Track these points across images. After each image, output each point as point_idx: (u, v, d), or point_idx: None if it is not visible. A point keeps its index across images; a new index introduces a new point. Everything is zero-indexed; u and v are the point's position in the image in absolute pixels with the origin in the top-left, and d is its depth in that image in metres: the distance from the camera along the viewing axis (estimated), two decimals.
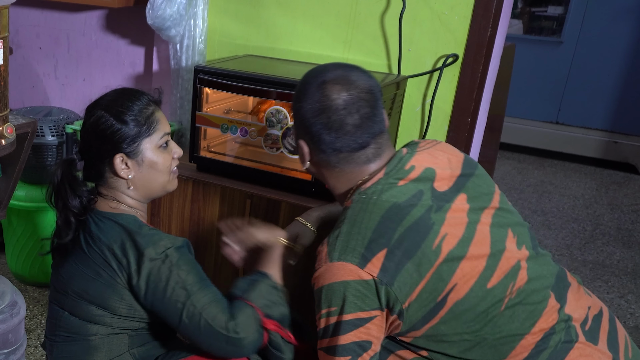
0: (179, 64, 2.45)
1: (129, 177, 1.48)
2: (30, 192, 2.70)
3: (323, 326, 1.33)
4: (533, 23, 5.30)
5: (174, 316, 1.40)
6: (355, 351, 1.30)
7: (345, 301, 1.28)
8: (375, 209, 1.31)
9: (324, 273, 1.31)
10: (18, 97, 3.05)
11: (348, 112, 1.33)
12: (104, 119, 1.45)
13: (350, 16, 2.21)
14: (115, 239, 1.42)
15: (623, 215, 4.22)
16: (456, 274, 1.29)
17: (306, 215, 1.74)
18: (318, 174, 1.47)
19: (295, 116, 1.41)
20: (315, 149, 1.39)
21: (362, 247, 1.28)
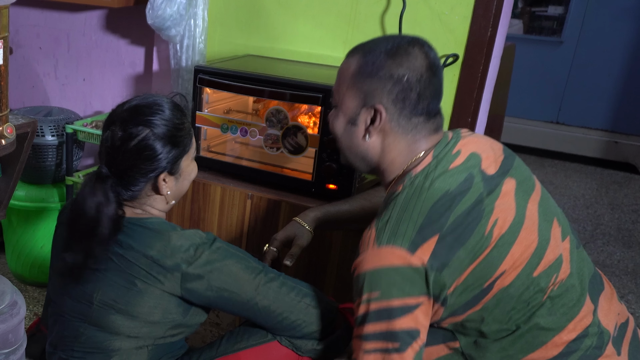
0: (179, 64, 2.45)
1: (168, 193, 1.45)
2: (30, 192, 2.70)
3: (363, 312, 1.27)
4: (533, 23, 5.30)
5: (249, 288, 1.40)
6: (404, 339, 1.23)
7: (392, 287, 1.23)
8: (428, 196, 1.27)
9: (370, 257, 1.26)
10: (18, 97, 3.05)
11: (433, 73, 1.31)
12: (151, 140, 1.36)
13: (350, 16, 2.21)
14: (150, 245, 1.37)
15: (623, 215, 4.22)
16: (506, 260, 1.27)
17: (303, 215, 1.73)
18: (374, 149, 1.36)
19: (370, 77, 1.31)
20: (396, 111, 1.31)
21: (413, 232, 1.24)
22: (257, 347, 1.50)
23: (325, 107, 1.89)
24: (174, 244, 1.37)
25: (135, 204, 1.44)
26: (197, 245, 1.38)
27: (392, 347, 1.23)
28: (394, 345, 1.23)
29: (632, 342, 1.39)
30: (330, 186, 1.95)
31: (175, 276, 1.37)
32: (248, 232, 2.07)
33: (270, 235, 1.86)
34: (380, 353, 1.25)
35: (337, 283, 1.97)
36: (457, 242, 1.25)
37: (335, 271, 1.98)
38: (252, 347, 1.50)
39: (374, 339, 1.25)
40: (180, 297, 1.41)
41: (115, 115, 1.41)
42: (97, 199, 1.37)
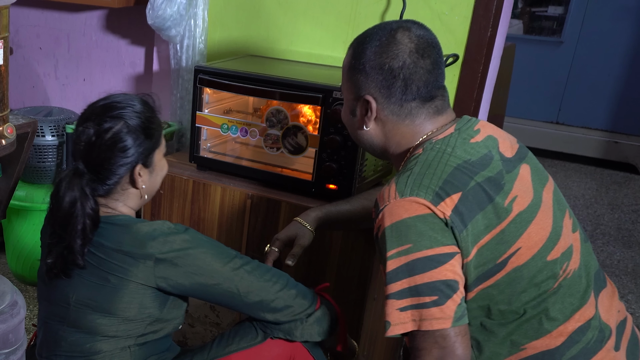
0: (179, 64, 2.45)
1: (143, 187, 1.47)
2: (30, 192, 2.70)
3: (394, 268, 1.20)
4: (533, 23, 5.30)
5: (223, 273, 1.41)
6: (443, 291, 1.18)
7: (423, 235, 1.19)
8: (450, 160, 1.26)
9: (393, 209, 1.22)
10: (18, 97, 3.05)
11: (421, 55, 1.30)
12: (125, 132, 1.40)
13: (350, 16, 2.21)
14: (120, 241, 1.40)
15: (623, 215, 4.22)
16: (522, 237, 1.25)
17: (305, 215, 1.73)
18: (377, 137, 1.38)
19: (359, 70, 1.34)
20: (385, 100, 1.33)
21: (436, 186, 1.21)
22: (249, 349, 1.51)
23: (325, 107, 1.89)
24: (144, 233, 1.39)
25: (109, 200, 1.46)
26: (167, 233, 1.40)
27: (429, 301, 1.18)
28: (432, 299, 1.18)
29: (631, 339, 1.39)
30: (330, 186, 1.95)
31: (148, 265, 1.38)
32: (248, 232, 2.07)
33: (270, 235, 1.86)
34: (416, 309, 1.19)
35: (337, 283, 1.97)
36: (478, 205, 1.23)
37: (335, 271, 1.98)
38: (244, 350, 1.51)
39: (408, 295, 1.20)
40: (155, 288, 1.41)
41: (89, 112, 1.45)
42: (74, 194, 1.39)
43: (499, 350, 1.30)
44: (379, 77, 1.32)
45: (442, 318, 1.18)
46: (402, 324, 1.21)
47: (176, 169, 2.16)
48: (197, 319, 2.21)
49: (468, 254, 1.23)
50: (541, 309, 1.28)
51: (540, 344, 1.29)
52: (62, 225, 1.41)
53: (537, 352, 1.29)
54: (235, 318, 2.13)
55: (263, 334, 1.51)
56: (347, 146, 1.89)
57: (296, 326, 1.49)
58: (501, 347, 1.30)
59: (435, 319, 1.18)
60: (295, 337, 1.50)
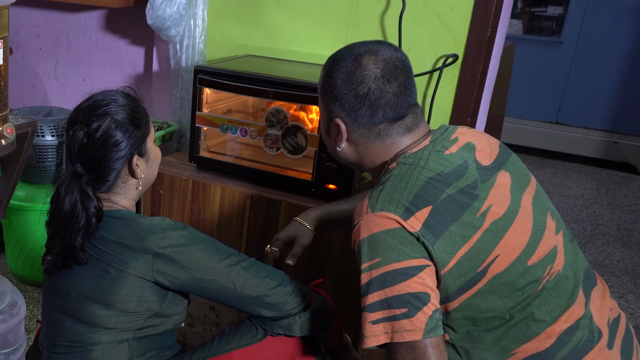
0: (179, 64, 2.45)
1: (142, 176, 1.50)
2: (30, 192, 2.70)
3: (366, 281, 1.23)
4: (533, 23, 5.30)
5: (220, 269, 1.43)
6: (412, 303, 1.20)
7: (391, 249, 1.21)
8: (423, 173, 1.28)
9: (364, 224, 1.25)
10: (18, 97, 3.05)
11: (387, 80, 1.32)
12: (114, 127, 1.43)
13: (350, 16, 2.21)
14: (120, 233, 1.42)
15: (623, 215, 4.22)
16: (500, 245, 1.26)
17: (304, 215, 1.73)
18: (352, 155, 1.42)
19: (328, 95, 1.38)
20: (353, 124, 1.36)
21: (406, 201, 1.23)
22: (249, 346, 1.51)
23: None
24: (143, 227, 1.42)
25: (110, 195, 1.49)
26: (166, 229, 1.42)
27: (400, 313, 1.20)
28: (402, 311, 1.20)
29: (625, 337, 1.39)
30: (330, 186, 1.95)
31: (146, 258, 1.40)
32: (248, 232, 2.08)
33: (270, 235, 1.87)
34: (387, 322, 1.21)
35: (337, 283, 1.98)
36: (450, 217, 1.24)
37: (335, 271, 1.98)
38: (244, 347, 1.51)
39: (379, 308, 1.22)
40: (153, 282, 1.43)
41: (75, 115, 1.48)
42: (74, 197, 1.43)
43: (489, 356, 1.31)
44: (346, 103, 1.35)
45: (413, 330, 1.19)
46: (374, 336, 1.23)
47: (176, 169, 2.16)
48: (196, 319, 2.21)
49: (445, 265, 1.24)
50: (527, 313, 1.29)
51: (529, 347, 1.29)
52: (64, 225, 1.44)
53: (527, 356, 1.29)
54: (235, 318, 2.13)
55: (263, 331, 1.51)
56: None
57: (295, 321, 1.50)
58: (491, 354, 1.31)
59: (406, 330, 1.20)
60: (294, 332, 1.51)
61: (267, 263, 1.65)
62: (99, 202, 1.45)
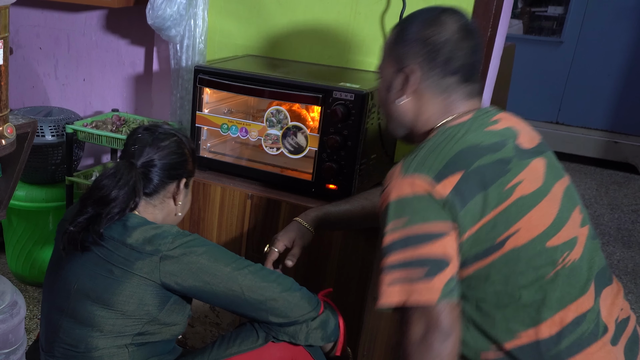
0: (179, 64, 2.45)
1: (180, 203, 1.56)
2: (30, 192, 2.70)
3: (388, 242, 1.24)
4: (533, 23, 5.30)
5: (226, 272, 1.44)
6: (432, 266, 1.21)
7: (417, 213, 1.23)
8: (458, 143, 1.30)
9: (395, 186, 1.27)
10: (18, 97, 3.05)
11: (464, 36, 1.34)
12: (183, 144, 1.54)
13: (350, 16, 2.21)
14: (130, 235, 1.43)
15: (623, 215, 4.22)
16: (522, 220, 1.27)
17: (304, 215, 1.74)
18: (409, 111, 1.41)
19: (402, 44, 1.38)
20: (427, 71, 1.36)
21: (439, 165, 1.25)
22: (250, 352, 1.51)
23: (325, 107, 1.89)
24: (153, 233, 1.44)
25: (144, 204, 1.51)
26: (175, 235, 1.44)
27: (416, 276, 1.21)
28: (419, 274, 1.20)
29: (631, 337, 1.39)
30: (330, 186, 1.95)
31: (154, 260, 1.41)
32: (248, 232, 2.08)
33: (270, 235, 1.86)
34: (404, 283, 1.22)
35: (337, 283, 1.97)
36: (479, 186, 1.25)
37: (335, 271, 1.98)
38: (245, 353, 1.51)
39: (398, 268, 1.23)
40: (159, 284, 1.43)
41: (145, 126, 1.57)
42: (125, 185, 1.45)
43: (495, 333, 1.31)
44: (423, 50, 1.35)
45: (430, 292, 1.20)
46: (390, 297, 1.23)
47: None
48: (197, 319, 2.21)
49: (466, 231, 1.25)
50: (538, 297, 1.29)
51: (534, 332, 1.29)
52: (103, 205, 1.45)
53: (531, 341, 1.29)
54: (235, 318, 2.13)
55: (264, 336, 1.51)
56: (347, 146, 1.89)
57: (301, 329, 1.49)
58: (497, 331, 1.31)
59: (422, 293, 1.20)
60: (300, 341, 1.50)
61: (267, 263, 1.65)
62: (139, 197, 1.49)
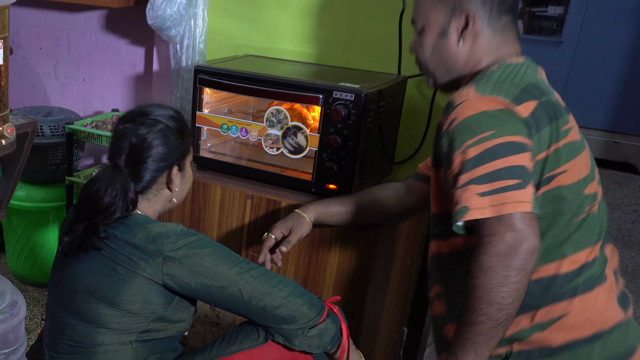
0: (179, 64, 2.45)
1: (176, 190, 1.54)
2: (30, 192, 2.70)
3: (474, 154, 1.20)
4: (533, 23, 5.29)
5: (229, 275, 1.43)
6: (524, 176, 1.18)
7: (506, 123, 1.21)
8: (525, 77, 1.32)
9: (473, 103, 1.25)
10: (18, 97, 3.05)
11: None
12: (166, 131, 1.49)
13: (350, 16, 2.21)
14: (133, 234, 1.43)
15: (623, 215, 4.22)
16: (572, 161, 1.31)
17: (304, 207, 1.77)
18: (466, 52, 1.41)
19: None
20: (486, 11, 1.37)
21: (515, 91, 1.27)
22: (250, 350, 1.50)
23: (325, 107, 1.89)
24: (157, 231, 1.43)
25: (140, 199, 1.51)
26: (179, 234, 1.43)
27: (512, 184, 1.17)
28: (515, 182, 1.17)
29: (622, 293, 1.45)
30: (330, 186, 1.95)
31: (157, 260, 1.40)
32: (248, 232, 2.07)
33: None
34: (497, 193, 1.17)
35: (337, 283, 1.98)
36: (548, 117, 1.28)
37: (335, 271, 1.98)
38: (246, 350, 1.51)
39: (489, 180, 1.18)
40: (162, 285, 1.43)
41: (129, 115, 1.53)
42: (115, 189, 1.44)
43: None
44: None
45: (524, 201, 1.17)
46: (480, 208, 1.18)
47: None
48: (197, 319, 2.21)
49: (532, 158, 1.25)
50: (567, 234, 1.32)
51: (553, 267, 1.32)
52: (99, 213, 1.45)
53: (549, 275, 1.32)
54: (235, 319, 2.13)
55: (265, 335, 1.50)
56: (347, 146, 1.89)
57: (296, 335, 1.48)
58: None
59: (517, 201, 1.16)
60: (294, 346, 1.49)
61: (263, 249, 1.69)
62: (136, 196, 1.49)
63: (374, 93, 1.88)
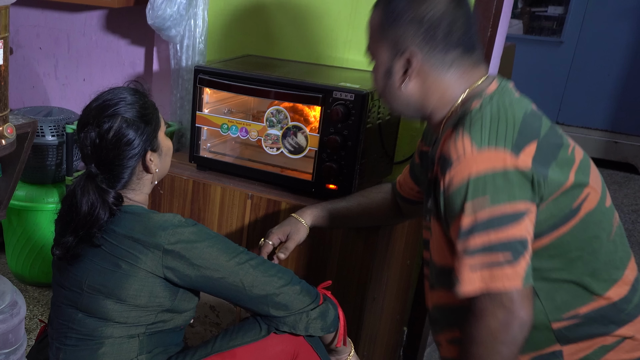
0: (179, 64, 2.45)
1: (157, 170, 1.52)
2: (30, 192, 2.70)
3: (469, 224, 1.17)
4: (533, 23, 5.30)
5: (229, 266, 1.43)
6: (516, 249, 1.15)
7: (501, 191, 1.15)
8: (516, 107, 1.24)
9: (470, 162, 1.17)
10: (18, 97, 3.05)
11: (457, 4, 1.29)
12: (125, 126, 1.44)
13: (350, 16, 2.21)
14: (132, 227, 1.43)
15: (623, 215, 4.22)
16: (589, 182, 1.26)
17: (301, 212, 1.75)
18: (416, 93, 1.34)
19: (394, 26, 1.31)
20: (428, 51, 1.29)
21: (513, 133, 1.18)
22: (252, 343, 1.51)
23: (325, 107, 1.89)
24: (155, 223, 1.43)
25: (126, 191, 1.51)
26: (177, 225, 1.43)
27: (503, 260, 1.15)
28: (506, 257, 1.15)
29: None
30: (330, 186, 1.95)
31: (156, 254, 1.41)
32: (248, 232, 2.08)
33: None
34: (489, 268, 1.16)
35: (337, 283, 1.97)
36: (551, 154, 1.22)
37: (335, 271, 1.98)
38: (248, 344, 1.51)
39: (482, 252, 1.16)
40: (163, 278, 1.43)
41: (85, 116, 1.50)
42: (91, 198, 1.44)
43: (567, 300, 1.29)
44: (420, 29, 1.28)
45: (514, 278, 1.15)
46: (471, 284, 1.17)
47: (176, 169, 2.16)
48: (197, 318, 2.21)
49: (545, 201, 1.21)
50: (608, 258, 1.29)
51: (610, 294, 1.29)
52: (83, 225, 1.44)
53: (608, 304, 1.29)
54: (235, 318, 2.13)
55: (267, 328, 1.51)
56: (347, 146, 1.89)
57: (300, 319, 1.50)
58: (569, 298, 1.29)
59: (507, 278, 1.15)
60: (299, 331, 1.51)
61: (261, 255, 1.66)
62: (118, 197, 1.47)
63: (374, 93, 1.88)
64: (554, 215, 1.23)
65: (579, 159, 1.27)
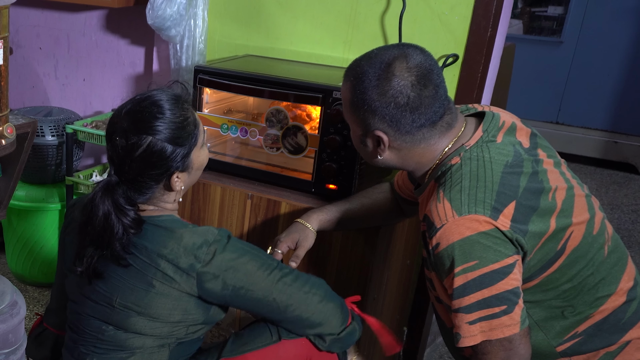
0: (179, 64, 2.45)
1: (182, 188, 1.45)
2: (30, 192, 2.70)
3: (462, 284, 1.26)
4: (533, 23, 5.30)
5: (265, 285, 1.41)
6: (511, 299, 1.25)
7: (488, 251, 1.24)
8: (494, 167, 1.31)
9: (453, 228, 1.26)
10: (18, 97, 3.05)
11: (423, 85, 1.31)
12: (156, 147, 1.34)
13: (350, 16, 2.21)
14: (164, 244, 1.38)
15: (623, 215, 4.22)
16: (572, 220, 1.33)
17: (306, 216, 1.73)
18: (393, 161, 1.42)
19: (364, 109, 1.35)
20: (395, 133, 1.35)
21: (491, 199, 1.26)
22: (265, 348, 1.50)
23: (325, 107, 1.89)
24: (187, 242, 1.38)
25: (149, 202, 1.44)
26: (210, 243, 1.38)
27: (499, 311, 1.25)
28: (501, 308, 1.25)
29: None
30: (330, 186, 1.95)
31: (191, 276, 1.38)
32: (248, 232, 2.07)
33: (270, 235, 1.86)
34: (486, 320, 1.26)
35: (337, 283, 1.97)
36: (531, 208, 1.29)
37: (335, 271, 1.98)
38: (259, 349, 1.50)
39: (477, 308, 1.26)
40: (197, 297, 1.41)
41: (115, 124, 1.39)
42: (106, 208, 1.37)
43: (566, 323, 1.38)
44: (387, 115, 1.33)
45: (512, 325, 1.25)
46: (471, 336, 1.27)
47: None
48: None
49: (531, 252, 1.29)
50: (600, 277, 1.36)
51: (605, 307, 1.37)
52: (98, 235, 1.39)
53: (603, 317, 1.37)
54: (235, 318, 2.13)
55: (277, 334, 1.50)
56: (347, 146, 1.89)
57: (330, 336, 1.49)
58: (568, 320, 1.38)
59: (505, 326, 1.25)
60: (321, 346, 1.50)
61: None
62: (136, 214, 1.39)
63: None
64: (541, 260, 1.32)
65: (560, 202, 1.33)
